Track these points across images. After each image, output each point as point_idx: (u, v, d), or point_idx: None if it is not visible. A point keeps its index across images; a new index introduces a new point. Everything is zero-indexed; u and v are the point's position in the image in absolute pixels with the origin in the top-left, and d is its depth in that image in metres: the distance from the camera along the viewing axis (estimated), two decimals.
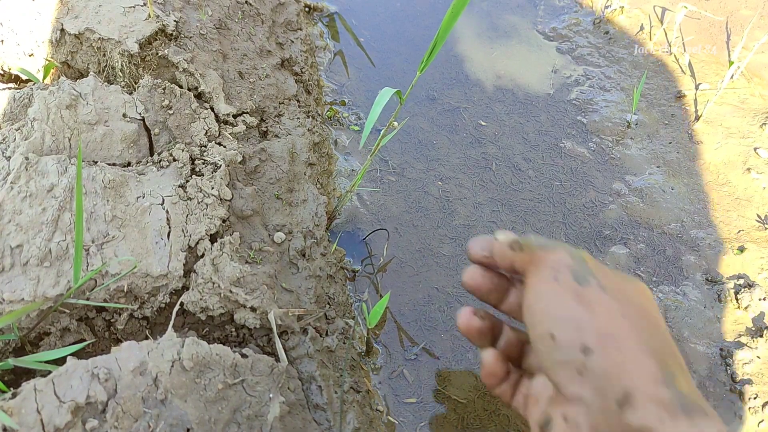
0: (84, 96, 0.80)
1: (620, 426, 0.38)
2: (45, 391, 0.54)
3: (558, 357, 0.42)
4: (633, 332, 0.41)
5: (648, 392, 0.39)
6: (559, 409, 0.43)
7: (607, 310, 0.42)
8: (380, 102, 0.80)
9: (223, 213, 0.77)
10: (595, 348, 0.41)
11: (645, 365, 0.40)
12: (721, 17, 1.43)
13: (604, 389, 0.40)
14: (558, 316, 0.43)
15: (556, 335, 0.43)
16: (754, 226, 1.07)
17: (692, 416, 0.38)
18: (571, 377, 0.42)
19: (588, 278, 0.44)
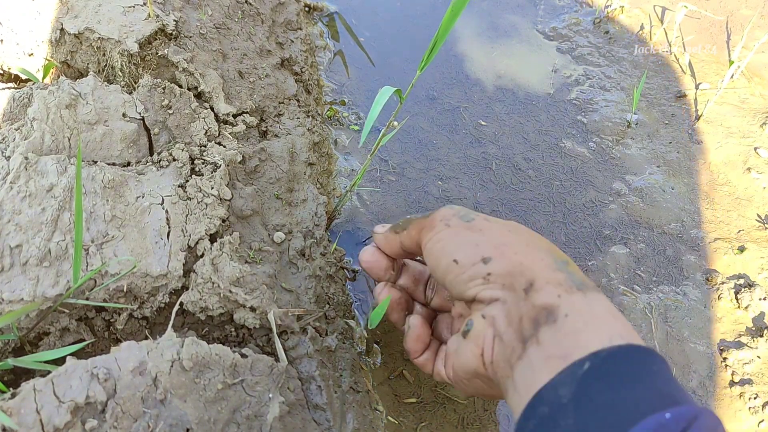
0: (84, 96, 0.79)
1: (528, 308, 0.44)
2: (44, 391, 0.54)
3: (465, 275, 0.49)
4: (522, 239, 0.49)
5: (546, 276, 0.45)
6: (477, 312, 0.49)
7: (495, 228, 0.50)
8: (380, 101, 0.80)
9: (222, 213, 0.77)
10: (494, 255, 0.48)
11: (540, 258, 0.47)
12: (722, 17, 1.43)
13: (511, 284, 0.46)
14: (456, 244, 0.50)
15: (458, 259, 0.49)
16: (754, 225, 1.07)
17: (584, 291, 0.44)
18: (481, 285, 0.48)
19: (473, 216, 0.52)
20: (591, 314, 0.42)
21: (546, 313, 0.42)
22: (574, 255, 1.01)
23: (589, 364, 0.39)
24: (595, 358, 0.39)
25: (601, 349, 0.39)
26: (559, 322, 0.41)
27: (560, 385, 0.39)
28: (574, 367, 0.39)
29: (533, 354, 0.42)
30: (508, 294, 0.46)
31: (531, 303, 0.44)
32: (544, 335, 0.42)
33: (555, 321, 0.42)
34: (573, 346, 0.40)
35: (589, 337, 0.40)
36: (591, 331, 0.41)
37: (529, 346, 0.42)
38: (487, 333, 0.47)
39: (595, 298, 0.43)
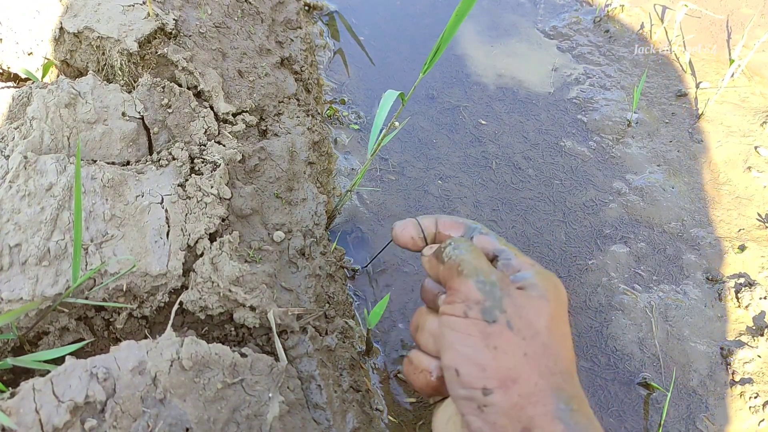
0: (83, 95, 0.79)
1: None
2: (43, 390, 0.54)
3: (461, 392, 0.46)
4: (534, 372, 0.45)
5: (544, 429, 0.43)
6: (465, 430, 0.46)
7: (511, 350, 0.45)
8: (385, 106, 0.80)
9: (222, 212, 0.77)
10: (496, 390, 0.44)
11: (543, 404, 0.44)
12: (722, 16, 1.43)
13: (504, 427, 0.44)
14: (464, 352, 0.46)
15: (460, 372, 0.46)
16: (754, 224, 1.06)
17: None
18: (473, 411, 0.45)
19: (496, 315, 0.46)
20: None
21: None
22: (575, 254, 1.01)
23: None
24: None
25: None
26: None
27: None
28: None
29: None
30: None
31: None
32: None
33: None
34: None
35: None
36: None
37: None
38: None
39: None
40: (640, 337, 0.92)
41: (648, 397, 0.86)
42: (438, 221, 0.59)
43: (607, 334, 0.92)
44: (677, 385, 0.87)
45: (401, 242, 0.59)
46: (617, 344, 0.91)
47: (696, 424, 0.84)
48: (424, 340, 0.53)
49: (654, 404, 0.85)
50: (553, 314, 0.48)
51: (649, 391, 0.86)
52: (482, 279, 0.48)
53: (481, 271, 0.49)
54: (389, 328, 0.89)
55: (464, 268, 0.49)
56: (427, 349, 0.53)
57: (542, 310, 0.47)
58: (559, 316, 0.48)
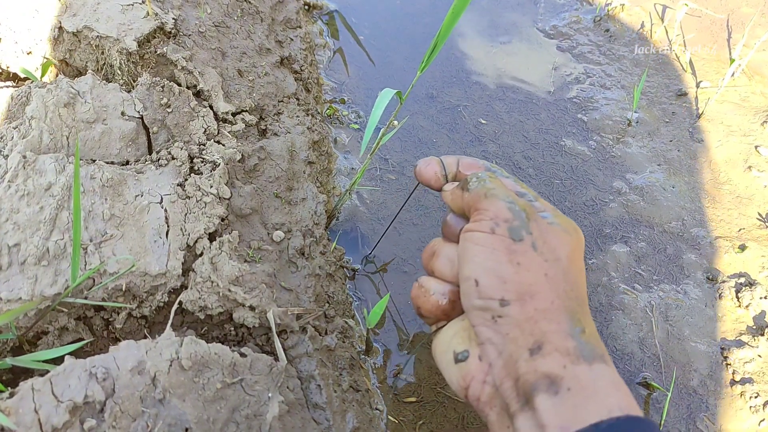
0: (82, 94, 0.79)
1: (530, 371, 0.43)
2: (43, 390, 0.54)
3: (478, 302, 0.46)
4: (552, 292, 0.45)
5: (556, 343, 0.43)
6: (476, 348, 0.47)
7: (533, 268, 0.46)
8: (381, 104, 0.79)
9: (221, 212, 0.76)
10: (513, 302, 0.45)
11: (557, 321, 0.44)
12: (722, 15, 1.43)
13: (517, 338, 0.44)
14: (486, 265, 0.47)
15: (480, 282, 0.46)
16: (755, 224, 1.06)
17: (591, 362, 0.43)
18: (486, 322, 0.46)
19: (522, 234, 0.47)
20: (593, 388, 0.42)
21: (548, 381, 0.42)
22: None
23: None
24: (596, 429, 0.39)
25: (600, 421, 0.40)
26: (560, 394, 0.42)
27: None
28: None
29: (530, 419, 0.42)
30: (509, 346, 0.45)
31: (534, 366, 0.43)
32: (543, 404, 0.42)
33: (557, 393, 0.42)
34: (573, 418, 0.41)
35: (590, 410, 0.41)
36: (592, 404, 0.41)
37: (528, 409, 0.42)
38: (477, 375, 0.47)
39: (600, 370, 0.43)
40: (641, 337, 0.91)
41: (648, 396, 0.86)
42: (460, 161, 0.61)
43: (608, 333, 0.92)
44: (677, 385, 0.87)
45: (424, 178, 0.61)
46: (617, 344, 0.91)
47: (696, 423, 0.84)
48: (440, 265, 0.54)
49: (654, 404, 0.85)
50: (574, 248, 0.49)
51: (649, 391, 0.86)
52: (512, 201, 0.49)
53: (510, 195, 0.50)
54: (389, 327, 0.89)
55: (494, 192, 0.50)
56: (441, 274, 0.54)
57: (565, 241, 0.48)
58: (578, 252, 0.49)
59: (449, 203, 0.57)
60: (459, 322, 0.51)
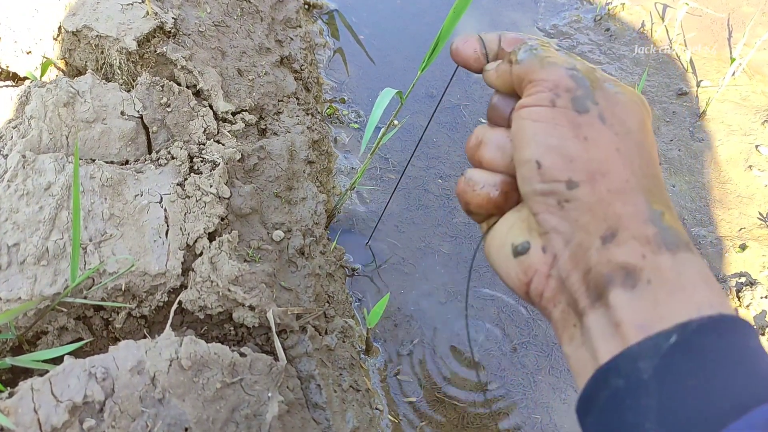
0: (82, 94, 0.79)
1: (602, 261, 0.38)
2: (42, 390, 0.54)
3: (540, 186, 0.41)
4: (626, 169, 0.40)
5: (633, 230, 0.38)
6: (536, 235, 0.42)
7: (603, 143, 0.41)
8: (381, 104, 0.79)
9: (221, 211, 0.76)
10: (582, 183, 0.40)
11: (633, 204, 0.39)
12: (723, 14, 1.43)
13: (587, 225, 0.39)
14: (548, 143, 0.41)
15: (542, 163, 0.41)
16: (755, 223, 1.06)
17: (675, 251, 0.37)
18: (550, 208, 0.41)
19: (588, 105, 0.41)
20: (678, 281, 0.36)
21: (624, 273, 0.37)
22: None
23: (675, 338, 0.34)
24: (683, 330, 0.34)
25: (689, 320, 0.34)
26: (638, 288, 0.36)
27: (639, 356, 0.34)
28: (657, 339, 0.34)
29: (602, 316, 0.37)
30: (578, 234, 0.39)
31: (607, 256, 0.38)
32: (618, 299, 0.36)
33: (634, 287, 0.36)
34: (654, 316, 0.35)
35: (675, 307, 0.35)
36: (677, 300, 0.36)
37: (599, 306, 0.37)
38: (541, 269, 0.41)
39: (686, 260, 0.37)
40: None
41: None
42: (502, 37, 0.53)
43: None
44: None
45: (462, 57, 0.53)
46: None
47: None
48: (489, 154, 0.48)
49: None
50: (645, 118, 0.43)
51: None
52: (573, 67, 0.43)
53: (571, 61, 0.44)
54: (389, 327, 0.89)
55: (550, 59, 0.44)
56: (490, 164, 0.48)
57: (635, 111, 0.43)
58: (649, 124, 0.44)
59: (494, 83, 0.49)
60: (515, 214, 0.45)
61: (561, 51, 0.47)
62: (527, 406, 0.84)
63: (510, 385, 0.85)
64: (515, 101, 0.47)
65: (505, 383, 0.86)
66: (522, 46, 0.46)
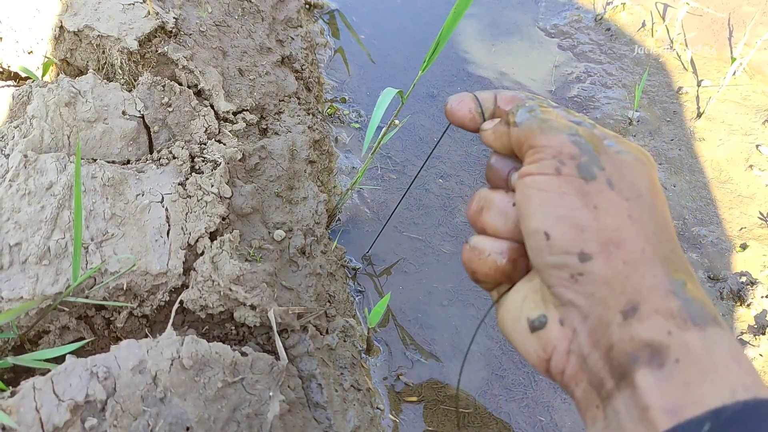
0: (83, 93, 0.79)
1: (625, 338, 0.35)
2: (44, 389, 0.54)
3: (551, 259, 0.39)
4: (640, 237, 0.38)
5: (655, 303, 0.36)
6: (553, 309, 0.40)
7: (614, 211, 0.38)
8: (382, 104, 0.79)
9: (222, 211, 0.76)
10: (596, 255, 0.37)
11: (652, 275, 0.36)
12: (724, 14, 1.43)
13: (604, 299, 0.37)
14: (557, 213, 0.39)
15: (551, 234, 0.38)
16: (756, 223, 1.06)
17: (703, 326, 0.35)
18: (563, 282, 0.38)
19: (594, 171, 0.39)
20: (709, 360, 0.34)
21: (650, 352, 0.34)
22: None
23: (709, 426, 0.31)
24: (717, 418, 0.32)
25: (723, 406, 0.32)
26: (666, 368, 0.34)
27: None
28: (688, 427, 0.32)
29: (629, 399, 0.35)
30: (597, 309, 0.37)
31: (630, 333, 0.35)
32: (645, 380, 0.34)
33: (662, 366, 0.34)
34: (685, 400, 0.33)
35: (707, 390, 0.33)
36: (709, 382, 0.33)
37: (624, 387, 0.35)
38: (560, 345, 0.39)
39: (715, 336, 0.35)
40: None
41: None
42: (498, 96, 0.51)
43: None
44: None
45: (457, 117, 0.51)
46: None
47: None
48: (492, 220, 0.45)
49: None
50: (653, 179, 0.40)
51: None
52: (575, 132, 0.41)
53: (571, 125, 0.42)
54: (390, 326, 0.89)
55: (550, 123, 0.42)
56: (495, 230, 0.45)
57: (642, 171, 0.40)
58: (657, 183, 0.41)
59: (491, 144, 0.47)
60: (527, 284, 0.43)
61: (559, 108, 0.46)
62: (528, 405, 0.84)
63: (511, 384, 0.86)
64: (513, 162, 0.46)
65: (506, 383, 0.86)
66: (520, 107, 0.44)
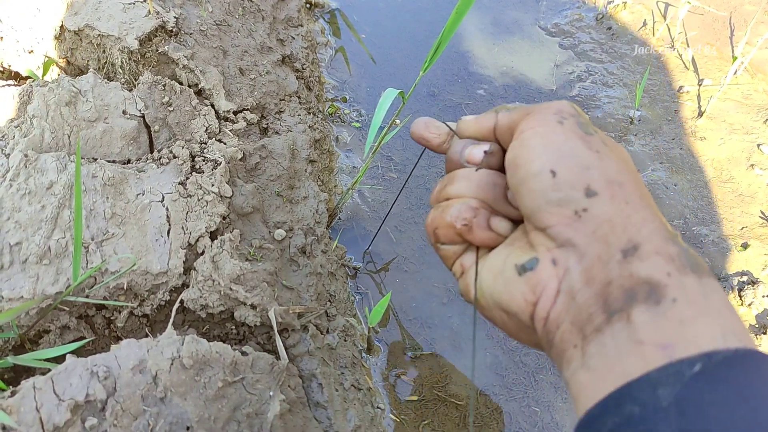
0: (83, 93, 0.79)
1: (624, 275, 0.36)
2: (44, 389, 0.54)
3: (555, 196, 0.39)
4: (638, 188, 0.39)
5: (656, 244, 0.36)
6: (546, 252, 0.40)
7: (614, 159, 0.40)
8: (384, 104, 0.79)
9: (223, 210, 0.76)
10: (602, 192, 0.38)
11: (652, 219, 0.38)
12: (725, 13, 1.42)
13: (606, 236, 0.37)
14: (562, 152, 0.40)
15: (558, 171, 0.39)
16: (757, 222, 1.06)
17: (700, 275, 0.36)
18: (565, 220, 0.39)
19: (593, 131, 0.41)
20: (705, 304, 0.34)
21: (648, 288, 0.35)
22: None
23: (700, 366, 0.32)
24: (708, 360, 0.32)
25: (714, 350, 0.33)
26: (663, 305, 0.34)
27: (660, 383, 0.32)
28: (680, 366, 0.33)
29: (620, 332, 0.35)
30: (596, 246, 0.37)
31: (629, 270, 0.36)
32: (640, 316, 0.34)
33: (658, 303, 0.34)
34: (679, 338, 0.33)
35: (700, 331, 0.33)
36: (702, 324, 0.34)
37: (617, 320, 0.35)
38: (551, 283, 0.39)
39: (711, 285, 0.36)
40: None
41: None
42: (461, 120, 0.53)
43: None
44: None
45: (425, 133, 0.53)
46: None
47: None
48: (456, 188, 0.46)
49: None
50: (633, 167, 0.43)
51: None
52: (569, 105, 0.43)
53: None
54: (390, 325, 0.89)
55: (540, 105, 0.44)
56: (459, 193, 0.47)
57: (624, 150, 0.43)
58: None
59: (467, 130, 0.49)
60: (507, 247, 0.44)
61: None
62: (528, 405, 0.84)
63: (511, 384, 0.86)
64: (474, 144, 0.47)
65: (507, 382, 0.86)
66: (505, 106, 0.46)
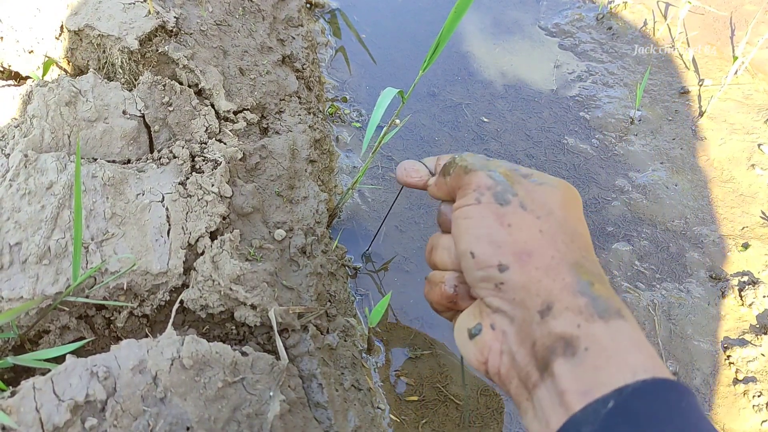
0: (83, 93, 0.79)
1: (543, 334, 0.41)
2: (44, 389, 0.54)
3: (479, 273, 0.45)
4: (550, 247, 0.44)
5: (565, 301, 0.41)
6: (486, 318, 0.46)
7: (526, 227, 0.45)
8: (382, 103, 0.79)
9: (223, 210, 0.76)
10: (512, 265, 0.43)
11: (562, 277, 0.42)
12: (726, 12, 1.42)
13: (523, 301, 0.43)
14: (477, 234, 0.46)
15: (475, 253, 0.46)
16: (758, 222, 1.06)
17: (608, 319, 0.40)
18: (491, 292, 0.45)
19: (508, 197, 0.46)
20: (613, 347, 0.39)
21: (563, 343, 0.40)
22: None
23: (613, 403, 0.36)
24: (619, 395, 0.36)
25: (624, 385, 0.37)
26: (578, 356, 0.39)
27: (582, 423, 0.37)
28: (596, 405, 0.37)
29: (550, 387, 0.40)
30: (519, 311, 0.43)
31: (547, 329, 0.41)
32: (561, 368, 0.39)
33: (574, 354, 0.39)
34: (594, 382, 0.38)
35: (612, 372, 0.38)
36: (613, 365, 0.38)
37: (547, 376, 0.40)
38: (494, 346, 0.45)
39: (618, 327, 0.40)
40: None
41: None
42: (439, 159, 0.62)
43: None
44: None
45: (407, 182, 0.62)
46: None
47: None
48: (440, 257, 0.54)
49: None
50: (567, 199, 0.47)
51: None
52: (492, 170, 0.49)
53: (490, 164, 0.50)
54: (391, 326, 0.89)
55: (473, 166, 0.50)
56: (443, 265, 0.54)
57: (554, 195, 0.47)
58: (572, 203, 0.48)
59: (437, 195, 0.57)
60: (471, 308, 0.50)
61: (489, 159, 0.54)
62: None
63: None
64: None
65: None
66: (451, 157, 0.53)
